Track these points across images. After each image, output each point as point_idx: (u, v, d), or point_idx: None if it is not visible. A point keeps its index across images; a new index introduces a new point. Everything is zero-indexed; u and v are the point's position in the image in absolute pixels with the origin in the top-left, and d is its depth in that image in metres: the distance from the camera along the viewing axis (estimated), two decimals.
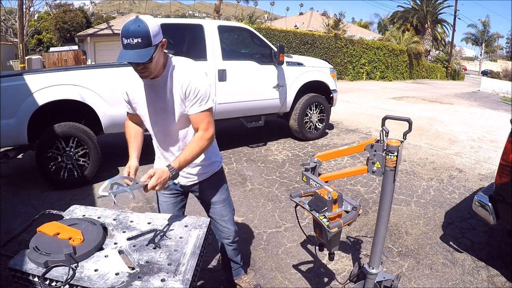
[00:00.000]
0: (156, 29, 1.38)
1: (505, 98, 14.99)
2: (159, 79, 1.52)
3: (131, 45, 1.33)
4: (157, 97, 1.55)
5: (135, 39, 1.32)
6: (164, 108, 1.57)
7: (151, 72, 1.45)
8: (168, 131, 1.64)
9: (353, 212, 1.37)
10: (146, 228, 1.46)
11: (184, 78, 1.51)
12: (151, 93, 1.56)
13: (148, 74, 1.46)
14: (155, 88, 1.54)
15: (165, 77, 1.52)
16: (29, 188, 3.71)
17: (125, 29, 1.33)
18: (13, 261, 1.19)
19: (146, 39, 1.33)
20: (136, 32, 1.32)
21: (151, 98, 1.57)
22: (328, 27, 18.99)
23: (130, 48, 1.33)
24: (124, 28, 1.33)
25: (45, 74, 3.66)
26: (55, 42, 25.30)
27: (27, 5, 15.25)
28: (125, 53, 1.34)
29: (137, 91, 1.59)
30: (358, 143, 1.65)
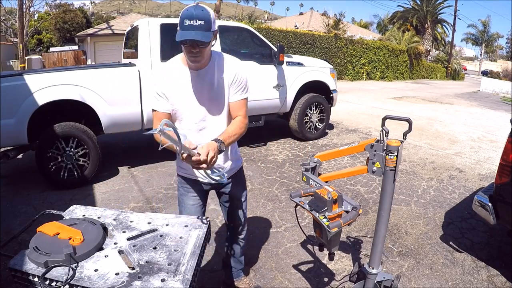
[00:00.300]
0: (214, 18, 1.45)
1: (505, 98, 14.98)
2: (206, 68, 1.57)
3: (194, 26, 1.38)
4: (203, 86, 1.58)
5: (198, 21, 1.37)
6: (211, 97, 1.60)
7: (203, 58, 1.50)
8: (208, 121, 1.64)
9: (353, 212, 1.37)
10: (146, 228, 1.46)
11: (232, 67, 1.63)
12: (198, 83, 1.57)
13: (200, 59, 1.49)
14: (202, 77, 1.57)
15: (212, 67, 1.59)
16: (29, 188, 3.71)
17: (188, 12, 1.39)
18: (13, 261, 1.19)
19: (208, 23, 1.40)
20: (200, 15, 1.38)
21: (197, 88, 1.58)
22: (328, 27, 19.00)
23: (192, 29, 1.38)
24: (187, 11, 1.39)
25: (45, 74, 3.66)
26: (55, 42, 25.29)
27: (27, 5, 15.25)
28: (187, 33, 1.38)
29: (177, 84, 1.57)
30: (358, 143, 1.65)
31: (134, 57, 4.39)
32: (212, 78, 1.59)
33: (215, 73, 1.59)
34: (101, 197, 3.56)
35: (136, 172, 4.22)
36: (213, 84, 1.59)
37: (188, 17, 1.38)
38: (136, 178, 4.03)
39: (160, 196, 3.56)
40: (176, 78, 1.57)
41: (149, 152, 4.96)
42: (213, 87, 1.59)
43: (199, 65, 1.54)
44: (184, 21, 1.38)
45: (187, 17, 1.38)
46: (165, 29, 4.19)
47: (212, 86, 1.59)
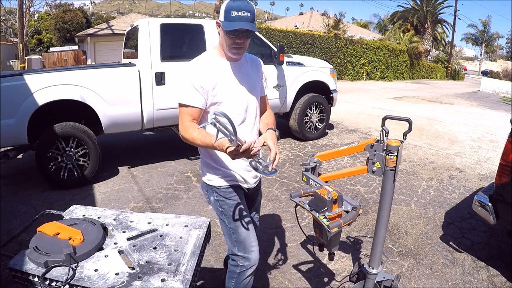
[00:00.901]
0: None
1: (505, 98, 14.98)
2: (242, 60, 1.59)
3: (241, 17, 1.39)
4: (243, 77, 1.57)
5: (246, 13, 1.39)
6: (250, 87, 1.59)
7: (245, 49, 1.52)
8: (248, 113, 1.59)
9: (353, 212, 1.37)
10: (146, 228, 1.46)
11: (259, 63, 1.70)
12: (238, 73, 1.56)
13: (243, 51, 1.52)
14: (239, 70, 1.57)
15: (245, 59, 1.62)
16: (29, 188, 3.72)
17: (235, 3, 1.39)
18: (13, 261, 1.19)
19: (253, 15, 1.43)
20: (247, 7, 1.40)
21: (239, 78, 1.56)
22: (328, 27, 18.99)
23: (240, 20, 1.39)
24: (234, 3, 1.39)
25: (45, 74, 3.66)
26: (55, 42, 25.29)
27: (27, 5, 15.25)
28: (237, 23, 1.39)
29: (220, 75, 1.51)
30: (358, 143, 1.65)
31: (134, 57, 4.39)
32: (247, 70, 1.61)
33: (249, 65, 1.63)
34: (101, 197, 3.56)
35: (136, 172, 4.22)
36: (250, 75, 1.61)
37: (235, 8, 1.38)
38: (136, 178, 4.03)
39: (160, 196, 3.56)
40: (218, 70, 1.51)
41: (149, 152, 4.96)
42: (250, 79, 1.60)
43: (239, 57, 1.55)
44: (231, 12, 1.38)
45: (235, 8, 1.38)
46: (165, 29, 4.19)
47: (250, 77, 1.61)
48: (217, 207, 1.62)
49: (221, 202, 1.59)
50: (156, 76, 4.07)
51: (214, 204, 1.62)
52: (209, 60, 1.53)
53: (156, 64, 4.08)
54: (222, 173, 1.58)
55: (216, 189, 1.59)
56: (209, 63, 1.52)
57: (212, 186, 1.59)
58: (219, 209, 1.61)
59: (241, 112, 1.55)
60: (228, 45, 1.47)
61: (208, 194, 1.64)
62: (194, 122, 1.47)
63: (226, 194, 1.58)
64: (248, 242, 1.59)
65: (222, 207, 1.60)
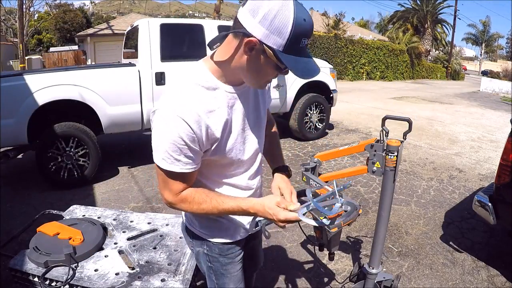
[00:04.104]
0: None
1: (505, 98, 14.97)
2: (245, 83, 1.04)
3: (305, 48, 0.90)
4: (247, 110, 1.08)
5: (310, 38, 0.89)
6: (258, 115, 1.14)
7: None
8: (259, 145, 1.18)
9: (353, 212, 1.36)
10: (146, 228, 1.46)
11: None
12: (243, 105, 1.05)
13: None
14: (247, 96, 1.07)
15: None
16: (29, 188, 3.71)
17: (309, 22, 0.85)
18: (13, 261, 1.19)
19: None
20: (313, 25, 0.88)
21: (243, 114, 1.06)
22: (328, 27, 18.99)
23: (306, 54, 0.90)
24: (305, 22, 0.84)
25: (45, 74, 3.66)
26: (55, 42, 25.31)
27: (27, 5, 15.27)
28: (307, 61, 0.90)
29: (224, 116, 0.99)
30: (358, 143, 1.65)
31: (134, 57, 4.39)
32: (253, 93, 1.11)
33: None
34: (101, 197, 3.56)
35: (136, 172, 4.21)
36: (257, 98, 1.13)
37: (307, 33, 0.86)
38: (136, 178, 4.03)
39: (160, 196, 3.56)
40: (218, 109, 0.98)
41: (149, 152, 4.93)
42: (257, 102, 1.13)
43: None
44: (302, 40, 0.86)
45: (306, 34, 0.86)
46: (165, 29, 4.19)
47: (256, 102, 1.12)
48: (205, 261, 1.24)
49: (213, 258, 1.22)
50: (156, 76, 4.07)
51: (202, 257, 1.23)
52: (206, 96, 0.96)
53: (156, 64, 4.08)
54: (223, 228, 1.18)
55: (216, 246, 1.19)
56: (208, 103, 0.96)
57: (212, 243, 1.18)
58: (207, 264, 1.24)
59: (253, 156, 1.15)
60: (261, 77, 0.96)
61: (192, 242, 1.23)
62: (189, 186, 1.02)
63: (223, 251, 1.21)
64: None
65: (212, 263, 1.23)
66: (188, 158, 0.94)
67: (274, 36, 0.83)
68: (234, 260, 1.24)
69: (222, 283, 1.25)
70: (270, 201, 1.00)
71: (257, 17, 0.83)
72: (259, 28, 0.83)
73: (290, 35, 0.82)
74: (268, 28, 0.82)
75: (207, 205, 1.01)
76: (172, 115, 0.90)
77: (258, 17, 0.83)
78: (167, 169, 0.95)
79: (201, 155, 0.99)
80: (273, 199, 1.00)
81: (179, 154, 0.93)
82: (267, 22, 0.82)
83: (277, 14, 0.81)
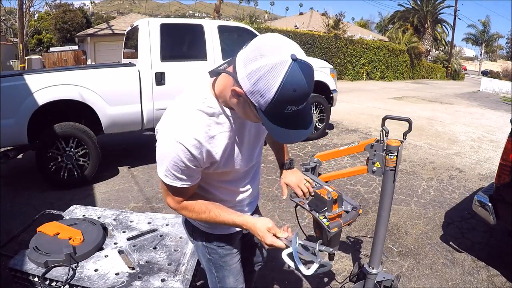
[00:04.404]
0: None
1: (505, 98, 14.98)
2: None
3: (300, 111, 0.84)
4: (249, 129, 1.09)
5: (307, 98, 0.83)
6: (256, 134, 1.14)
7: None
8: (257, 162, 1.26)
9: (353, 212, 1.37)
10: (146, 228, 1.46)
11: None
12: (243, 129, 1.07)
13: None
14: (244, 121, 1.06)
15: None
16: (29, 188, 3.71)
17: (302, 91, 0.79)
18: (13, 261, 1.19)
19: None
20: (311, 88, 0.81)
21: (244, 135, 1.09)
22: (328, 27, 19.00)
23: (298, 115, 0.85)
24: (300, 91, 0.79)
25: (45, 74, 3.66)
26: (55, 42, 25.32)
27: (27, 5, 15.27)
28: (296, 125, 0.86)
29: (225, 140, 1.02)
30: (358, 143, 1.65)
31: (134, 57, 4.39)
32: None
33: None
34: (101, 197, 3.56)
35: (136, 172, 4.22)
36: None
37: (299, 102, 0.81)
38: (136, 178, 4.03)
39: (160, 196, 3.56)
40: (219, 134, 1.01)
41: (149, 152, 4.95)
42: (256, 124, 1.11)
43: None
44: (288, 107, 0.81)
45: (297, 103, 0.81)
46: (165, 29, 4.19)
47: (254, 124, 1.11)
48: (204, 253, 1.30)
49: (211, 250, 1.28)
50: (156, 76, 4.07)
51: (202, 249, 1.29)
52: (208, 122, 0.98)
53: (156, 64, 4.08)
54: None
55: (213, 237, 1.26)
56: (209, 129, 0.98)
57: (208, 234, 1.26)
58: (207, 256, 1.30)
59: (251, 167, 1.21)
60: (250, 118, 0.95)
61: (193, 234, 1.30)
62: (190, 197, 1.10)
63: (220, 243, 1.27)
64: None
65: (211, 255, 1.29)
66: (187, 176, 1.00)
67: (257, 95, 0.80)
68: (232, 252, 1.29)
69: (222, 276, 1.30)
70: (262, 224, 1.08)
71: (247, 69, 0.80)
72: (245, 82, 0.81)
73: (271, 101, 0.79)
74: (253, 86, 0.79)
75: (206, 215, 1.09)
76: (173, 140, 0.94)
77: (247, 71, 0.80)
78: (169, 184, 1.01)
79: (200, 171, 1.04)
80: (265, 224, 1.08)
81: (180, 173, 0.98)
82: (253, 80, 0.79)
83: (263, 76, 0.77)
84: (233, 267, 1.32)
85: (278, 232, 1.08)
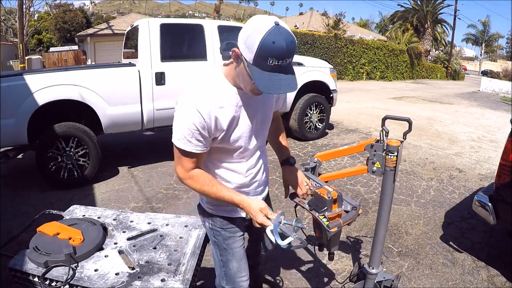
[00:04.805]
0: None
1: (505, 98, 14.98)
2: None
3: (282, 67, 1.04)
4: (255, 109, 1.27)
5: (288, 59, 1.04)
6: (263, 118, 1.33)
7: None
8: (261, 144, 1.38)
9: (353, 212, 1.37)
10: (146, 228, 1.46)
11: None
12: (250, 107, 1.25)
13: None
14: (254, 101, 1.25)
15: None
16: (29, 188, 3.71)
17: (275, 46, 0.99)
18: (13, 261, 1.19)
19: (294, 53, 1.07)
20: (291, 49, 1.02)
21: (250, 113, 1.25)
22: (328, 27, 19.00)
23: (279, 71, 1.04)
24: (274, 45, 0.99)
25: (45, 74, 3.66)
26: (55, 42, 25.31)
27: (27, 5, 15.27)
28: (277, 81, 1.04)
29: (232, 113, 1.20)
30: (358, 143, 1.65)
31: (134, 57, 4.39)
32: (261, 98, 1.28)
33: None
34: (101, 197, 3.56)
35: (136, 172, 4.22)
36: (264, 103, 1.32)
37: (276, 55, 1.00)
38: (136, 178, 4.03)
39: (160, 196, 3.56)
40: (230, 109, 1.19)
41: (149, 152, 4.96)
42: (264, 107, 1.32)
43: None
44: (269, 60, 1.00)
45: (274, 56, 1.00)
46: (165, 29, 4.19)
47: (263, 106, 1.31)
48: (210, 235, 1.45)
49: (216, 232, 1.41)
50: (156, 76, 4.07)
51: (209, 231, 1.45)
52: (218, 95, 1.17)
53: (156, 64, 4.08)
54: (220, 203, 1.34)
55: (216, 219, 1.40)
56: (218, 101, 1.17)
57: (211, 215, 1.40)
58: (212, 239, 1.44)
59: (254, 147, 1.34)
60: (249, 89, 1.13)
61: (203, 218, 1.45)
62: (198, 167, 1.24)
63: (224, 225, 1.40)
64: (237, 277, 1.44)
65: (216, 237, 1.42)
66: (198, 141, 1.16)
67: (247, 51, 1.02)
68: (235, 235, 1.41)
69: (226, 259, 1.42)
70: (256, 205, 1.20)
71: (242, 34, 1.05)
72: (241, 42, 1.05)
73: (256, 51, 1.00)
74: (244, 43, 1.03)
75: (208, 188, 1.22)
76: (189, 106, 1.13)
77: (242, 34, 1.05)
78: (181, 147, 1.17)
79: (209, 141, 1.20)
80: (259, 205, 1.20)
81: (191, 137, 1.15)
82: (244, 38, 1.03)
83: (251, 35, 1.01)
84: (236, 251, 1.42)
85: (269, 214, 1.19)
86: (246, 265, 1.47)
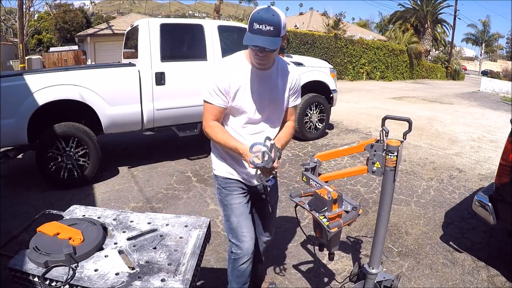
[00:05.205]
0: (285, 22, 1.42)
1: (505, 98, 14.98)
2: (270, 71, 1.58)
3: (262, 31, 1.36)
4: (265, 88, 1.58)
5: (268, 27, 1.36)
6: (272, 99, 1.61)
7: (269, 61, 1.52)
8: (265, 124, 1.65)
9: (353, 212, 1.37)
10: (146, 228, 1.46)
11: (294, 74, 1.66)
12: (260, 84, 1.57)
13: (266, 63, 1.52)
14: (265, 79, 1.58)
15: (275, 70, 1.61)
16: (29, 188, 3.71)
17: (258, 15, 1.37)
18: (13, 261, 1.19)
19: (277, 29, 1.37)
20: (271, 21, 1.36)
21: (260, 89, 1.57)
22: (328, 27, 18.99)
23: (260, 34, 1.37)
24: (258, 14, 1.38)
25: (45, 74, 3.66)
26: (55, 42, 25.32)
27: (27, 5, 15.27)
28: (256, 38, 1.37)
29: (242, 81, 1.55)
30: (358, 143, 1.65)
31: (134, 57, 4.39)
32: (275, 81, 1.60)
33: (279, 76, 1.61)
34: (101, 197, 3.56)
35: (136, 172, 4.22)
36: (276, 86, 1.61)
37: (257, 20, 1.37)
38: (136, 178, 4.03)
39: (160, 196, 3.56)
40: (244, 75, 1.55)
41: (149, 152, 4.96)
42: (275, 89, 1.61)
43: (263, 67, 1.55)
44: (254, 24, 1.37)
45: (257, 21, 1.36)
46: (165, 29, 4.19)
47: (274, 89, 1.61)
48: (218, 195, 1.79)
49: (219, 190, 1.75)
50: (156, 76, 4.07)
51: (217, 191, 1.78)
52: (237, 63, 1.56)
53: (156, 64, 4.08)
54: (225, 166, 1.70)
55: (218, 178, 1.73)
56: (237, 67, 1.55)
57: (216, 175, 1.74)
58: (218, 197, 1.79)
59: (260, 121, 1.62)
60: (251, 56, 1.50)
61: (215, 181, 1.78)
62: (217, 121, 1.58)
63: (224, 183, 1.71)
64: (239, 231, 1.69)
65: (220, 195, 1.76)
66: (218, 96, 1.54)
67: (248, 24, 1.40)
68: (233, 193, 1.70)
69: (227, 214, 1.73)
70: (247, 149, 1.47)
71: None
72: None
73: (249, 21, 1.40)
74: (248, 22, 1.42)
75: (220, 136, 1.55)
76: (215, 72, 1.56)
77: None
78: (205, 99, 1.56)
79: (226, 100, 1.55)
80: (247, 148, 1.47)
81: (213, 93, 1.54)
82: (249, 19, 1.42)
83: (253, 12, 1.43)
84: (234, 207, 1.70)
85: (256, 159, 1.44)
86: (248, 223, 1.71)
